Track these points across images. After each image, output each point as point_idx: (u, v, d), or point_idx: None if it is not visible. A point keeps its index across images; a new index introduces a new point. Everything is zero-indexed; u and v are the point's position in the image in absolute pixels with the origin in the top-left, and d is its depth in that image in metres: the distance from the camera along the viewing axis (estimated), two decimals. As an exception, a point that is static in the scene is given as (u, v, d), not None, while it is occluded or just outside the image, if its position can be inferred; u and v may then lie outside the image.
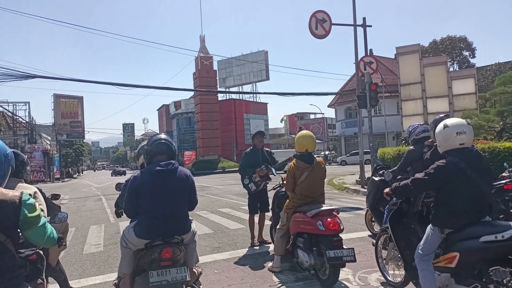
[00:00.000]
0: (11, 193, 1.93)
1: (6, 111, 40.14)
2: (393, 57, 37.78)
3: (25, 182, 3.13)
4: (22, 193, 1.98)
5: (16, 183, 2.92)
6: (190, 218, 3.10)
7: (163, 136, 3.14)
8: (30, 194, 2.83)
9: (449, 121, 2.81)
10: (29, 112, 44.55)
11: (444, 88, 15.80)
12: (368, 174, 13.72)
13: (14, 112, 42.63)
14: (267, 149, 6.01)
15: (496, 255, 2.47)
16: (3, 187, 2.02)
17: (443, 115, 4.16)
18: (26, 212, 1.93)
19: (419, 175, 2.85)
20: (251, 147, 5.91)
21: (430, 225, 2.84)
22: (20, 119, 43.69)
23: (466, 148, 2.75)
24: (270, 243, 5.81)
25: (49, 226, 2.15)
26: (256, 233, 5.94)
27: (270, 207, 5.73)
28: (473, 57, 46.30)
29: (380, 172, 5.34)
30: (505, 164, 5.70)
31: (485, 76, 36.83)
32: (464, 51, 46.26)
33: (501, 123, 12.03)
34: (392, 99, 32.32)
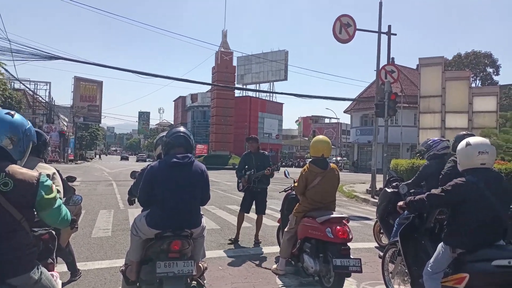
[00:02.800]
0: (30, 173, 1.96)
1: (27, 89, 41.01)
2: (414, 67, 37.29)
3: (44, 162, 3.19)
4: (40, 174, 2.00)
5: (36, 162, 2.98)
6: (201, 213, 3.12)
7: (182, 129, 3.16)
8: (48, 175, 2.89)
9: (472, 140, 2.76)
10: (49, 92, 45.45)
11: (465, 104, 15.51)
12: (379, 184, 13.59)
13: (35, 91, 43.51)
14: (263, 151, 6.27)
15: (507, 280, 2.42)
16: (22, 165, 2.05)
17: (465, 133, 4.09)
18: (43, 193, 1.96)
19: (435, 191, 2.80)
20: (247, 151, 6.25)
21: (442, 243, 2.80)
22: (40, 99, 44.58)
23: (486, 168, 2.70)
24: (260, 243, 6.03)
25: (64, 208, 2.18)
26: (250, 231, 6.06)
27: (264, 209, 6.12)
28: (497, 74, 45.42)
29: (394, 184, 5.28)
30: None
31: (507, 95, 36.06)
32: (488, 67, 45.39)
33: (521, 144, 11.77)
34: (410, 110, 31.87)
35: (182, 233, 2.88)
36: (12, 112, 2.03)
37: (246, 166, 6.03)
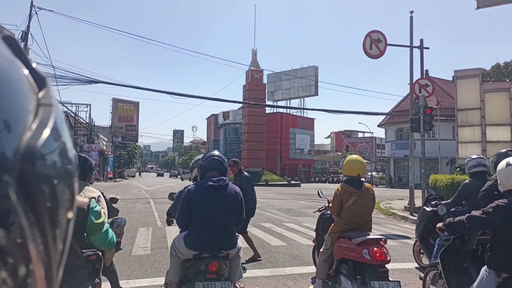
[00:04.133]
0: (81, 200, 2.12)
1: (69, 112, 43.32)
2: (450, 79, 36.16)
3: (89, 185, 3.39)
4: (90, 200, 2.16)
5: (83, 186, 3.18)
6: (236, 234, 3.19)
7: (216, 153, 3.28)
8: (94, 198, 3.08)
9: (513, 160, 2.68)
10: (89, 114, 47.73)
11: (506, 116, 14.81)
12: (417, 200, 13.14)
13: (77, 113, 45.90)
14: (245, 173, 6.50)
15: None
16: None
17: (506, 150, 3.94)
18: (93, 218, 2.12)
19: (476, 213, 2.73)
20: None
21: (486, 266, 2.71)
22: (81, 120, 46.92)
23: (530, 189, 2.60)
24: (260, 260, 6.08)
25: (110, 231, 2.33)
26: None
27: (245, 229, 6.14)
28: (541, 83, 43.04)
29: (433, 202, 5.14)
30: None
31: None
32: (531, 76, 43.14)
33: None
34: (447, 122, 30.79)
35: (219, 254, 2.96)
36: None
37: None
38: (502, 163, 2.73)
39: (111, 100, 55.70)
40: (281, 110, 59.83)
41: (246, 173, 6.54)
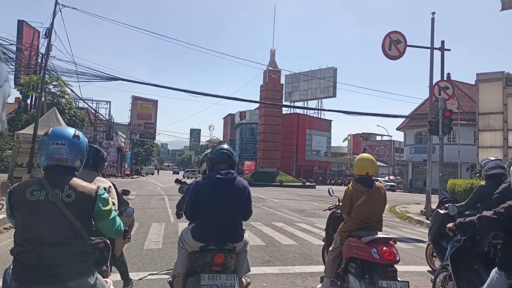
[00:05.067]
0: (90, 187, 2.16)
1: (90, 108, 44.28)
2: (473, 83, 35.29)
3: (102, 176, 3.46)
4: (98, 187, 2.20)
5: (94, 176, 3.24)
6: (244, 227, 3.20)
7: (225, 146, 3.30)
8: (105, 188, 3.13)
9: (527, 160, 2.60)
10: (109, 111, 48.81)
11: (530, 121, 14.37)
12: (434, 205, 12.88)
13: (97, 109, 46.87)
14: None
15: None
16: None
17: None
18: (100, 205, 2.16)
19: (487, 213, 2.66)
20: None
21: (496, 268, 2.63)
22: (101, 117, 47.89)
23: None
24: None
25: (118, 219, 2.36)
26: None
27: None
28: None
29: (446, 205, 5.03)
30: None
31: None
32: (558, 81, 41.69)
33: None
34: (469, 127, 30.00)
35: (225, 247, 2.97)
36: (77, 134, 2.24)
37: None
38: (516, 164, 2.65)
39: (131, 97, 56.69)
40: (298, 110, 59.61)
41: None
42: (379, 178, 42.26)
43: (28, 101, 31.91)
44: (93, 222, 2.22)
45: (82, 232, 2.11)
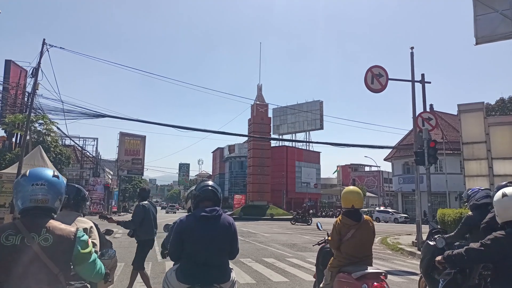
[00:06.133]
0: (68, 229, 2.09)
1: (77, 145, 43.87)
2: (455, 113, 36.28)
3: (83, 216, 3.36)
4: (77, 229, 2.13)
5: (75, 216, 3.15)
6: (231, 267, 3.11)
7: (210, 182, 3.26)
8: (85, 229, 3.04)
9: (509, 190, 2.62)
10: (96, 148, 48.32)
11: (512, 149, 14.68)
12: (425, 235, 12.79)
13: (84, 146, 46.44)
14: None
15: None
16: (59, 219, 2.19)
17: (506, 183, 3.87)
18: (79, 248, 2.08)
19: (474, 245, 2.64)
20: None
21: (488, 302, 2.59)
22: (88, 154, 47.39)
23: (528, 220, 2.52)
24: None
25: (98, 262, 2.27)
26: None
27: (141, 265, 6.39)
28: (547, 117, 42.90)
29: (436, 236, 4.99)
30: None
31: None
32: (536, 110, 43.09)
33: None
34: (455, 156, 30.56)
35: (211, 288, 2.87)
36: (56, 174, 2.21)
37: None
38: (498, 194, 2.67)
39: (118, 134, 56.43)
40: (286, 143, 60.00)
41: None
42: (389, 209, 41.53)
43: (13, 139, 31.50)
44: (71, 266, 2.13)
45: (60, 277, 2.02)
